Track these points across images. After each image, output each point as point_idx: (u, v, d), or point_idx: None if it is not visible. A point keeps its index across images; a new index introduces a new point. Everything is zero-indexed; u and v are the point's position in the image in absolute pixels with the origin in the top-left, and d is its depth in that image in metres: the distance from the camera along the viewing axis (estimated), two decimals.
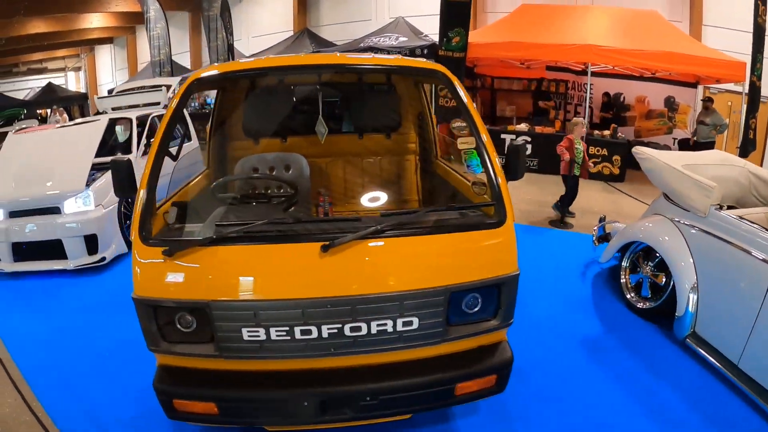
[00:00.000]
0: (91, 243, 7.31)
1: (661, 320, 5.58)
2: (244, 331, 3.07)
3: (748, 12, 13.14)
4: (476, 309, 3.33)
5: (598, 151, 13.22)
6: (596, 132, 13.97)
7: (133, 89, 12.11)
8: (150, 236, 3.15)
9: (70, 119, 22.93)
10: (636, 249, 6.03)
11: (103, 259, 7.40)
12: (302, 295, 3.04)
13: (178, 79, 12.48)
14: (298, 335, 3.08)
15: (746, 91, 13.10)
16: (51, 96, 28.75)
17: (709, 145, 12.16)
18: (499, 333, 3.50)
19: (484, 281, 3.24)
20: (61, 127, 9.92)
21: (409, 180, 6.03)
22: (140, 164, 8.33)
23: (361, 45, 16.15)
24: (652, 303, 5.74)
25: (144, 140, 9.00)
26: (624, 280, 6.14)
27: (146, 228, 3.17)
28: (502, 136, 13.94)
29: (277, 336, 3.08)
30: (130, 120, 9.28)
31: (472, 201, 3.76)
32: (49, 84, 30.05)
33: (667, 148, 12.65)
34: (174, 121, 3.65)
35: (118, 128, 9.07)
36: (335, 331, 3.10)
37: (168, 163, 3.64)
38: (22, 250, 7.39)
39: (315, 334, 3.09)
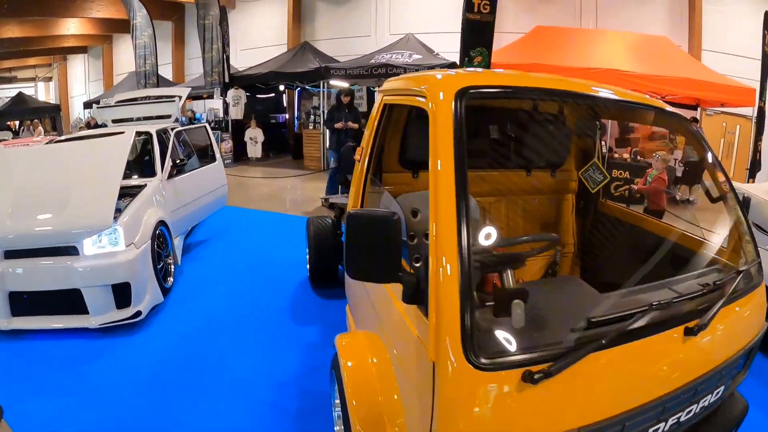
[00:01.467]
0: (121, 293, 5.50)
1: None
2: None
3: (744, 38, 13.85)
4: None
5: (620, 174, 12.27)
6: (615, 155, 13.44)
7: (137, 99, 10.35)
8: (489, 354, 1.95)
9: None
10: None
11: (138, 313, 5.57)
12: (666, 390, 2.30)
13: (187, 90, 10.73)
14: None
15: (755, 115, 13.17)
16: (21, 107, 26.79)
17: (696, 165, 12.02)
18: None
19: (755, 339, 2.83)
20: (67, 139, 8.14)
21: (565, 222, 5.05)
22: (166, 189, 6.72)
23: (372, 61, 15.05)
24: None
25: (169, 160, 7.29)
26: None
27: (479, 341, 1.95)
28: None
29: None
30: (149, 135, 7.62)
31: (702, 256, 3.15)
32: (20, 94, 28.06)
33: (672, 169, 12.14)
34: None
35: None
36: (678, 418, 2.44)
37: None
38: (22, 301, 5.58)
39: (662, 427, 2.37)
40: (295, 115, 20.40)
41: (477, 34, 12.30)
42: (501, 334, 2.10)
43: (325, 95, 16.40)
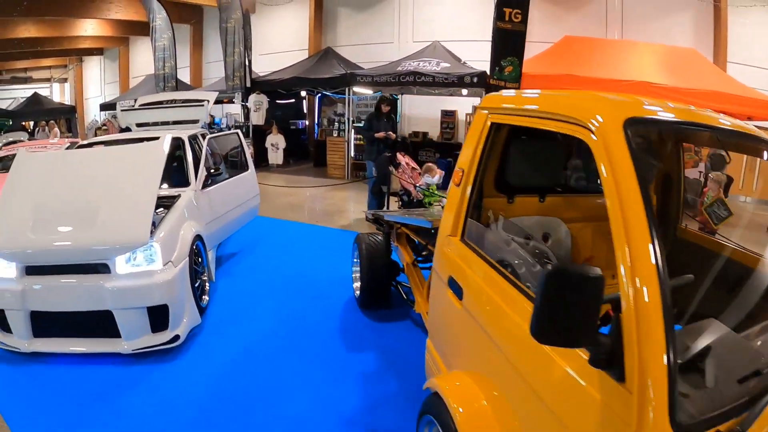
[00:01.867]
0: (158, 315, 4.98)
1: None
2: None
3: None
4: None
5: None
6: None
7: (163, 103, 9.88)
8: (692, 418, 1.82)
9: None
10: None
11: (176, 338, 5.05)
12: None
13: (215, 93, 10.26)
14: None
15: None
16: (37, 107, 26.63)
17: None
18: None
19: None
20: (91, 144, 7.65)
21: None
22: (200, 200, 6.19)
23: (399, 69, 14.54)
24: None
25: (203, 169, 6.80)
26: None
27: (682, 405, 1.80)
28: None
29: None
30: (181, 141, 7.13)
31: None
32: (35, 94, 27.92)
33: (697, 182, 11.36)
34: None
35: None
36: None
37: None
38: (45, 322, 5.08)
39: None
40: (316, 122, 19.89)
41: (508, 44, 12.14)
42: (698, 394, 2.01)
43: (350, 102, 15.87)
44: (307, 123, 20.46)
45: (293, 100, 19.63)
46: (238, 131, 8.63)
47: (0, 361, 5.08)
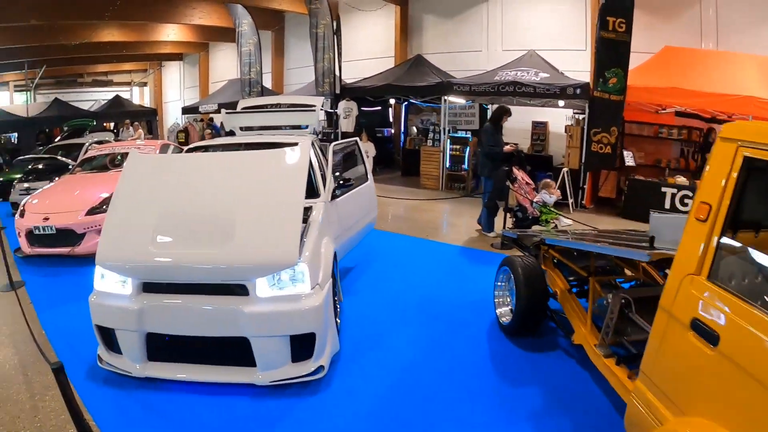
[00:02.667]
0: (301, 344, 4.35)
1: None
2: None
3: None
4: None
5: None
6: None
7: (267, 106, 9.40)
8: None
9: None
10: None
11: (320, 369, 4.41)
12: None
13: (321, 99, 9.83)
14: None
15: None
16: (118, 109, 26.87)
17: None
18: None
19: None
20: (198, 148, 7.17)
21: None
22: (330, 212, 5.56)
23: (497, 78, 13.84)
24: None
25: (331, 178, 6.24)
26: None
27: None
28: (663, 189, 11.76)
29: None
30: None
31: None
32: (117, 96, 28.23)
33: None
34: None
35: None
36: None
37: None
38: (162, 345, 4.58)
39: None
40: (402, 130, 19.28)
41: (611, 54, 11.58)
42: None
43: (446, 112, 15.17)
44: (392, 131, 19.81)
45: (379, 108, 19.05)
46: (357, 139, 8.04)
47: (107, 384, 4.59)
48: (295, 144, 5.53)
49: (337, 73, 17.00)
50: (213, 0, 20.71)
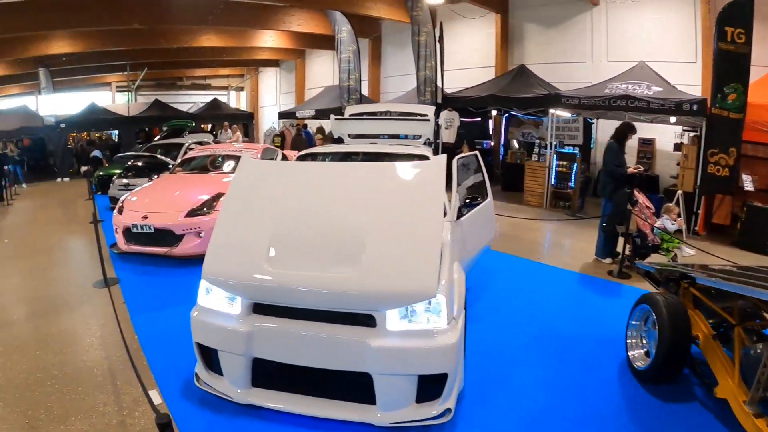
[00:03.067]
0: (429, 384, 3.77)
1: None
2: None
3: None
4: None
5: None
6: None
7: (376, 114, 8.93)
8: None
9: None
10: None
11: (447, 412, 3.81)
12: None
13: (432, 108, 9.44)
14: None
15: None
16: (216, 111, 27.42)
17: None
18: None
19: None
20: (308, 156, 6.70)
21: None
22: (455, 233, 4.94)
23: (607, 91, 12.90)
24: None
25: (456, 195, 5.62)
26: None
27: None
28: None
29: None
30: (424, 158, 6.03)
31: None
32: (215, 99, 28.85)
33: None
34: None
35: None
36: None
37: None
38: (269, 371, 4.10)
39: None
40: (501, 143, 18.45)
41: (730, 68, 10.58)
42: None
43: (552, 125, 14.32)
44: (491, 144, 18.97)
45: (479, 119, 18.31)
46: (476, 153, 7.41)
47: (203, 405, 4.21)
48: (420, 156, 4.96)
49: (439, 82, 16.45)
50: (311, 7, 20.59)
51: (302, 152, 7.30)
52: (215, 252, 4.21)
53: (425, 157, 6.16)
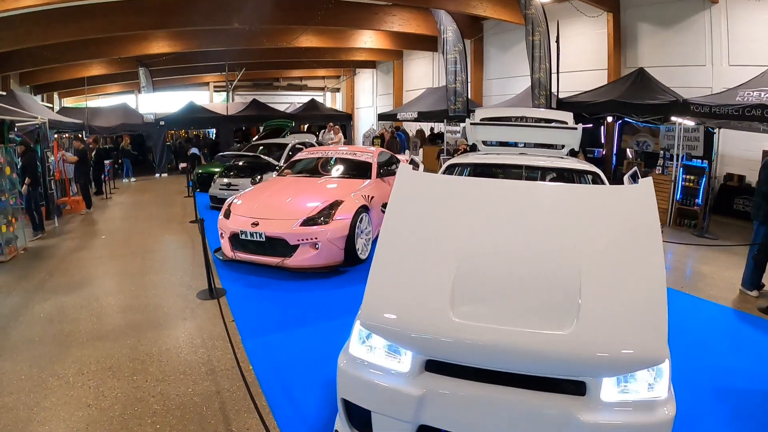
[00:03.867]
0: None
1: None
2: None
3: None
4: None
5: None
6: None
7: (512, 119, 8.01)
8: None
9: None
10: None
11: None
12: None
13: (569, 114, 8.30)
14: None
15: None
16: (314, 112, 27.15)
17: None
18: None
19: None
20: (473, 166, 5.84)
21: None
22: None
23: (738, 99, 11.34)
24: None
25: None
26: None
27: None
28: None
29: None
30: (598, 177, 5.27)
31: None
32: (313, 100, 28.72)
33: None
34: None
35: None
36: None
37: None
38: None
39: None
40: (614, 151, 17.03)
41: None
42: None
43: (679, 134, 12.86)
44: (603, 152, 17.50)
45: (591, 126, 16.94)
46: (635, 168, 6.35)
47: None
48: (592, 173, 3.90)
49: (554, 86, 15.44)
50: (413, 7, 20.04)
51: (448, 162, 6.33)
52: (378, 291, 3.37)
53: (597, 175, 5.17)
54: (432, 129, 24.45)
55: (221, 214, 8.31)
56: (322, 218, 7.54)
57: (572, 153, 7.50)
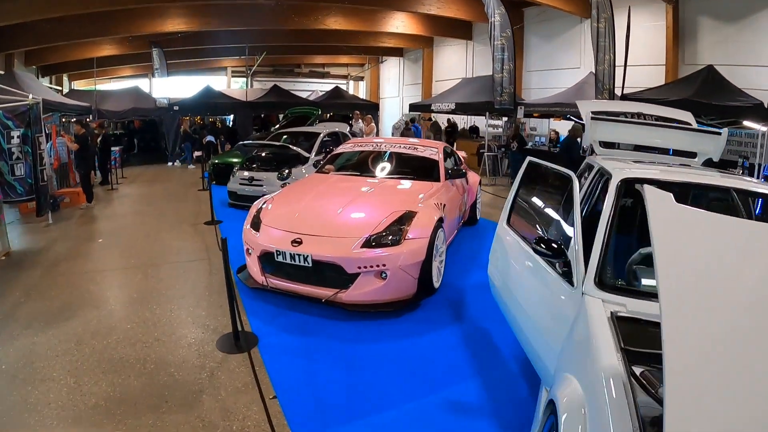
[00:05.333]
0: None
1: None
2: None
3: None
4: None
5: None
6: None
7: (638, 116, 6.28)
8: None
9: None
10: None
11: None
12: None
13: (689, 114, 6.81)
14: None
15: None
16: (338, 101, 25.33)
17: None
18: None
19: None
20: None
21: None
22: None
23: None
24: None
25: None
26: None
27: None
28: None
29: None
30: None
31: None
32: (337, 88, 27.15)
33: None
34: None
35: None
36: None
37: None
38: None
39: None
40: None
41: None
42: None
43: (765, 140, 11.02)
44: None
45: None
46: None
47: None
48: None
49: (617, 80, 13.53)
50: None
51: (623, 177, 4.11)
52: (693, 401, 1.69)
53: None
54: (452, 122, 22.75)
55: (247, 222, 6.27)
56: (391, 237, 5.43)
57: (709, 163, 5.74)
